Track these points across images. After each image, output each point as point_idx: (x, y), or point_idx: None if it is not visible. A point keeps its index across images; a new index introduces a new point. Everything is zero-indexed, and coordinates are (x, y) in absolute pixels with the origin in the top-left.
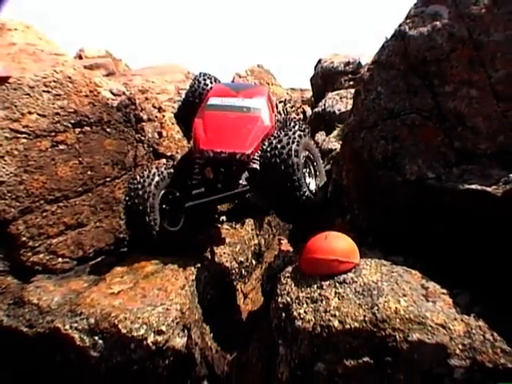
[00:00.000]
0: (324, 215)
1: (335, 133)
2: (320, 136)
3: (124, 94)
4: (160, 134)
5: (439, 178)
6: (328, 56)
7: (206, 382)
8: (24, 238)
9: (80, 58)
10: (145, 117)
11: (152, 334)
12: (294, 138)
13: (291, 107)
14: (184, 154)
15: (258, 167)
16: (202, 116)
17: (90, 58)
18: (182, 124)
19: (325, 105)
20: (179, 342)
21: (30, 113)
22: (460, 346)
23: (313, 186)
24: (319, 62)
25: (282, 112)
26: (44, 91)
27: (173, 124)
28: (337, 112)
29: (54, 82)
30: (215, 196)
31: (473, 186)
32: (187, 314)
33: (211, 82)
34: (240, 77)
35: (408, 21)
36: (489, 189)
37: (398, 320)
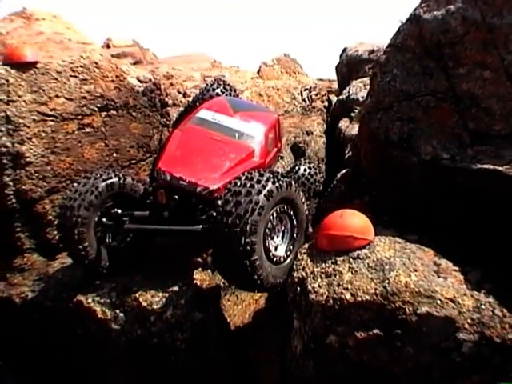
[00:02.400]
0: (344, 196)
1: (354, 115)
2: (343, 123)
3: (150, 80)
4: None
5: (453, 158)
6: (353, 44)
7: (222, 356)
8: (50, 217)
9: (108, 47)
10: (170, 102)
11: (171, 308)
12: (259, 193)
13: (316, 95)
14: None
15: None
16: (184, 129)
17: (117, 47)
18: None
19: (349, 92)
20: (197, 316)
21: (57, 96)
22: (469, 321)
23: (281, 251)
24: (344, 50)
25: (306, 99)
26: (71, 76)
27: None
28: (360, 99)
29: (81, 67)
30: (156, 226)
31: (485, 166)
32: (206, 289)
33: (223, 91)
34: (266, 65)
35: (423, 5)
36: (501, 168)
37: (407, 293)
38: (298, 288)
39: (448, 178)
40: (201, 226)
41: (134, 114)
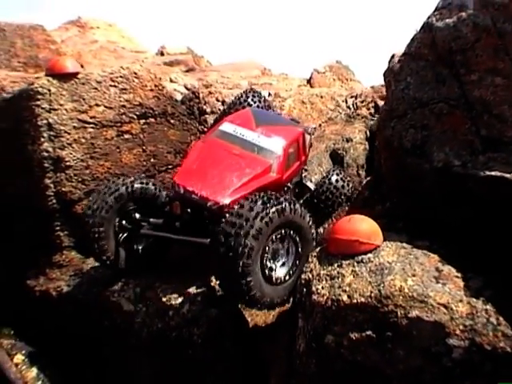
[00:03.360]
0: (367, 202)
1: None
2: None
3: (187, 88)
4: None
5: (465, 165)
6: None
7: (237, 351)
8: None
9: (162, 54)
10: (208, 109)
11: (188, 304)
12: (257, 217)
13: (361, 102)
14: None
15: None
16: (205, 141)
17: (171, 55)
18: None
19: None
20: (213, 312)
21: (97, 105)
22: (461, 327)
23: (281, 273)
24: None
25: (351, 106)
26: (111, 85)
27: None
28: None
29: (121, 77)
30: (169, 234)
31: (493, 173)
32: None
33: (255, 101)
34: (318, 72)
35: (436, 13)
36: (508, 175)
37: (401, 297)
38: (304, 289)
39: (459, 184)
40: (209, 240)
41: (172, 121)
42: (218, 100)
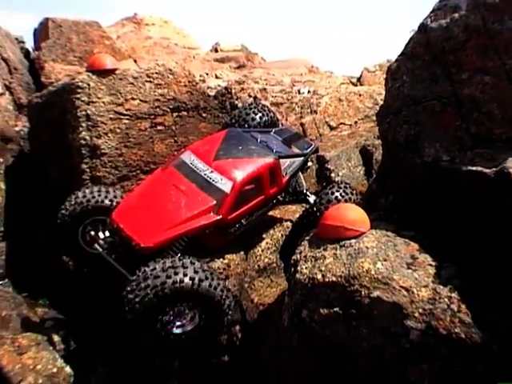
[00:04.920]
0: (373, 195)
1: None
2: None
3: (219, 85)
4: None
5: (453, 160)
6: None
7: (238, 326)
8: None
9: (216, 51)
10: (240, 105)
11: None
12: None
13: None
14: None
15: None
16: (164, 170)
17: (224, 52)
18: None
19: None
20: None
21: (132, 99)
22: (420, 310)
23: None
24: None
25: None
26: (146, 81)
27: None
28: None
29: (156, 73)
30: (110, 258)
31: (474, 168)
32: (232, 267)
33: (257, 114)
34: (368, 71)
35: (431, 14)
36: (487, 170)
37: (366, 278)
38: (292, 269)
39: (446, 179)
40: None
41: (204, 114)
42: (250, 96)
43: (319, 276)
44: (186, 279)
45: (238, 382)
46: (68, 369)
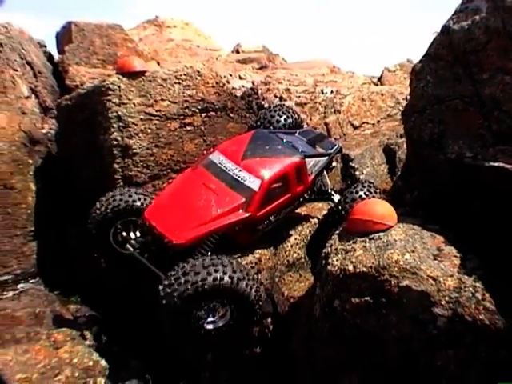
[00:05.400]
0: (399, 191)
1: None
2: None
3: (244, 86)
4: None
5: (476, 156)
6: None
7: (269, 318)
8: None
9: (237, 52)
10: (266, 105)
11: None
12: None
13: None
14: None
15: None
16: (194, 170)
17: (245, 53)
18: None
19: None
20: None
21: (162, 100)
22: (446, 298)
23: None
24: None
25: None
26: (175, 83)
27: None
28: None
29: (185, 75)
30: (141, 256)
31: (496, 164)
32: (263, 261)
33: (282, 116)
34: (389, 71)
35: (454, 16)
36: (508, 166)
37: (396, 269)
38: (323, 261)
39: (470, 174)
40: (170, 273)
41: (231, 115)
42: (275, 96)
43: (350, 267)
44: (226, 277)
45: (269, 373)
46: (103, 362)
